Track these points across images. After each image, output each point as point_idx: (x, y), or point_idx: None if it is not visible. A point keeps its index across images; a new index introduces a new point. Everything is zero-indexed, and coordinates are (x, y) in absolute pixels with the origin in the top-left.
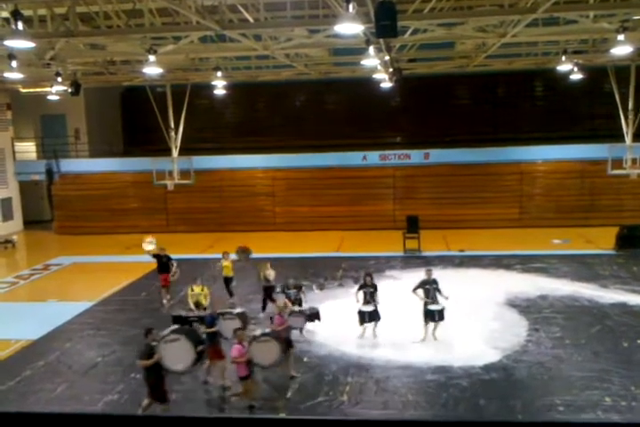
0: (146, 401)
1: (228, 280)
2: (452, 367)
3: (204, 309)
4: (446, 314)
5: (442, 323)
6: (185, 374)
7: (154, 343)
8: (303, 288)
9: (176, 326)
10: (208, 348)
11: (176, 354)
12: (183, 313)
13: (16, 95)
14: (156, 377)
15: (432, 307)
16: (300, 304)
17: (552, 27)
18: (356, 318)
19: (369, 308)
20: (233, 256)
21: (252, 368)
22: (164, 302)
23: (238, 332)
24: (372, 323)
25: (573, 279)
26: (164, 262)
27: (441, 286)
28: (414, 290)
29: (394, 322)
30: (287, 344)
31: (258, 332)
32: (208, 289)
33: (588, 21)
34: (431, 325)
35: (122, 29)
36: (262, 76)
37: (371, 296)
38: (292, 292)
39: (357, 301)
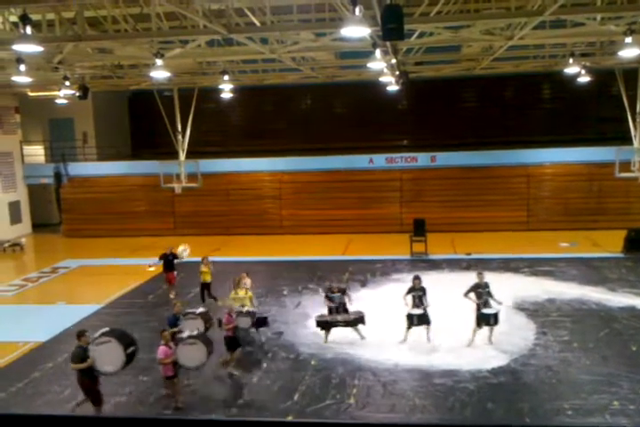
0: (79, 400)
1: (204, 285)
2: (459, 371)
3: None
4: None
5: (428, 327)
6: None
7: (87, 346)
8: (347, 291)
9: (107, 329)
10: None
11: (107, 356)
12: None
13: (24, 99)
14: (90, 379)
15: (486, 311)
16: (344, 308)
17: (559, 29)
18: (405, 321)
19: (418, 311)
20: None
21: (178, 369)
22: (172, 296)
23: (164, 333)
24: (422, 327)
25: (581, 283)
26: (169, 261)
27: (493, 289)
28: (466, 294)
29: (400, 325)
30: (235, 343)
31: (185, 334)
32: (252, 292)
33: (596, 24)
34: (483, 329)
35: (129, 33)
36: (269, 80)
37: (419, 300)
38: (337, 295)
39: (406, 304)
